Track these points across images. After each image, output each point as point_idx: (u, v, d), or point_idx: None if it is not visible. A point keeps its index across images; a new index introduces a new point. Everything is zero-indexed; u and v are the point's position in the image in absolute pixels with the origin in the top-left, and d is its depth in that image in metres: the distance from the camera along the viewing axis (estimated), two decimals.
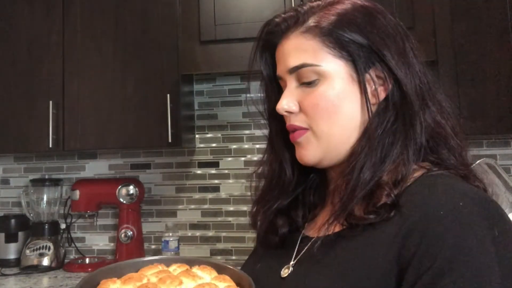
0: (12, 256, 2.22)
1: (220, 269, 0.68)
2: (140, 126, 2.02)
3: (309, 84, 0.69)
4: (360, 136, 0.68)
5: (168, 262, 0.69)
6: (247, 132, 2.29)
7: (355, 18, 0.69)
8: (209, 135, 2.33)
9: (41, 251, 2.16)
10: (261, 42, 0.81)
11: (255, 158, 2.25)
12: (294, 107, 0.71)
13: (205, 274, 0.65)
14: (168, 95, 1.97)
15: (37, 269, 2.12)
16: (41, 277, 2.05)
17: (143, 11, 2.06)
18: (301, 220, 0.77)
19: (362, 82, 0.67)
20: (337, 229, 0.67)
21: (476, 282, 0.53)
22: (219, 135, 2.32)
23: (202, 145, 2.33)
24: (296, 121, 0.71)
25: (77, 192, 2.20)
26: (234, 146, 2.29)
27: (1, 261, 2.20)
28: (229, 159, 2.29)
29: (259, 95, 0.86)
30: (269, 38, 0.78)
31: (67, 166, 2.44)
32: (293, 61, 0.70)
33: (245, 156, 2.28)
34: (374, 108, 0.68)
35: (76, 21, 2.09)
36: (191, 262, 0.70)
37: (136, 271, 0.67)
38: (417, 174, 0.66)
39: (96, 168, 2.42)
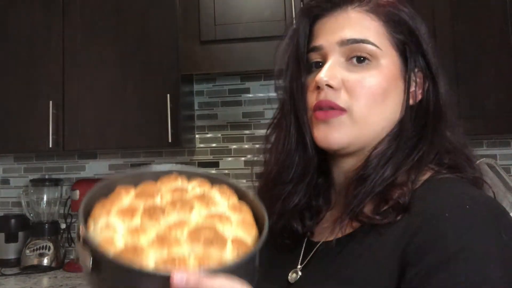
0: (12, 256, 2.22)
1: (242, 195, 0.63)
2: (140, 126, 2.02)
3: (360, 62, 0.66)
4: (389, 132, 0.67)
5: (190, 176, 0.65)
6: (247, 132, 2.29)
7: (416, 20, 0.69)
8: (209, 135, 2.33)
9: (41, 251, 2.16)
10: (313, 5, 0.72)
11: (255, 159, 2.24)
12: (336, 82, 0.65)
13: (223, 199, 0.62)
14: (168, 95, 1.97)
15: (37, 269, 2.12)
16: (41, 277, 2.05)
17: (143, 11, 2.06)
18: (310, 222, 0.74)
19: (407, 80, 0.67)
20: (345, 231, 0.66)
21: (471, 281, 0.52)
22: (219, 135, 2.32)
23: (202, 145, 2.33)
24: (335, 98, 0.66)
25: (77, 192, 2.20)
26: (234, 146, 2.29)
27: (1, 261, 2.20)
28: (229, 159, 2.29)
29: (259, 95, 0.83)
30: (324, 6, 0.71)
31: (67, 166, 2.44)
32: (353, 34, 0.66)
33: (245, 156, 2.28)
34: (409, 109, 0.68)
35: (76, 21, 2.09)
36: (213, 180, 0.65)
37: (156, 181, 0.64)
38: (425, 176, 0.65)
39: (96, 168, 2.42)
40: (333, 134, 0.66)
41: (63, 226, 2.32)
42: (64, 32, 2.09)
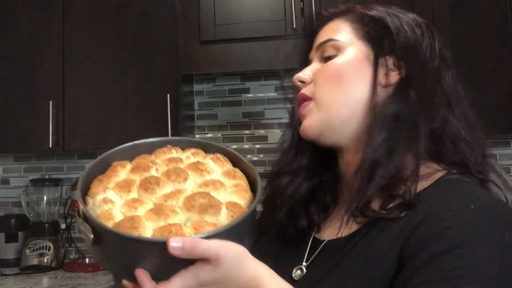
0: (12, 256, 2.22)
1: (236, 162, 0.67)
2: (140, 126, 2.02)
3: (328, 58, 0.72)
4: (368, 120, 0.68)
5: (184, 145, 0.68)
6: (247, 132, 2.29)
7: (396, 14, 0.72)
8: (209, 135, 2.33)
9: (41, 251, 2.16)
10: (309, 27, 0.83)
11: (255, 158, 2.25)
12: (306, 77, 0.73)
13: (217, 167, 0.64)
14: (168, 95, 1.97)
15: (37, 269, 2.12)
16: (41, 277, 2.05)
17: (143, 11, 2.06)
18: (316, 218, 0.75)
19: (375, 64, 0.69)
20: (350, 229, 0.66)
21: (466, 277, 0.52)
22: (219, 135, 2.32)
23: None
24: (305, 90, 0.73)
25: None
26: (234, 146, 2.29)
27: (1, 261, 2.20)
28: None
29: (259, 95, 0.85)
30: (313, 25, 0.81)
31: (67, 166, 2.44)
32: (322, 38, 0.74)
33: (245, 156, 2.27)
34: (383, 92, 0.68)
35: (76, 21, 2.09)
36: (207, 148, 0.69)
37: (151, 153, 0.67)
38: (437, 175, 0.65)
39: None
40: (304, 124, 0.72)
41: (63, 226, 2.32)
42: (64, 32, 2.09)
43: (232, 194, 0.60)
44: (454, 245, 0.54)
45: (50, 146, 2.02)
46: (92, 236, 0.53)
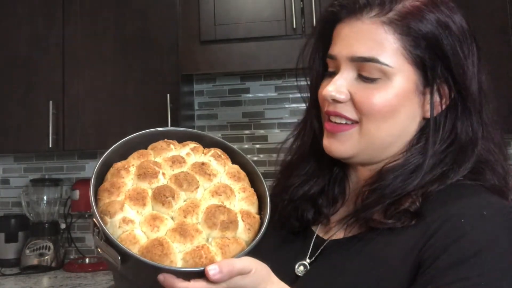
0: (12, 256, 2.22)
1: (231, 154, 0.69)
2: (140, 126, 2.00)
3: (370, 80, 0.64)
4: (402, 146, 0.66)
5: (180, 139, 0.69)
6: (247, 132, 2.29)
7: (448, 26, 0.63)
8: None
9: (41, 251, 2.16)
10: (328, 13, 0.70)
11: (255, 158, 2.25)
12: (344, 96, 0.65)
13: (219, 166, 0.65)
14: (168, 95, 1.97)
15: (37, 269, 2.12)
16: (41, 277, 2.05)
17: (143, 11, 2.06)
18: (326, 211, 0.73)
19: (425, 95, 0.65)
20: (354, 231, 0.66)
21: (480, 284, 0.52)
22: (219, 135, 2.31)
23: None
24: (345, 110, 0.65)
25: (77, 192, 2.20)
26: (234, 146, 2.28)
27: (1, 261, 2.20)
28: None
29: (259, 95, 0.84)
30: (337, 11, 0.68)
31: (67, 166, 2.44)
32: (362, 51, 0.63)
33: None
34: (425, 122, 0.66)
35: (76, 21, 2.09)
36: (202, 139, 0.70)
37: (146, 147, 0.68)
38: (450, 179, 0.64)
39: None
40: (337, 147, 0.67)
41: (63, 226, 2.32)
42: (64, 32, 2.09)
43: (242, 200, 0.62)
44: (468, 255, 0.54)
45: (50, 146, 2.02)
46: (120, 260, 0.53)
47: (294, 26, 1.88)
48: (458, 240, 0.55)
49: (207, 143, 0.70)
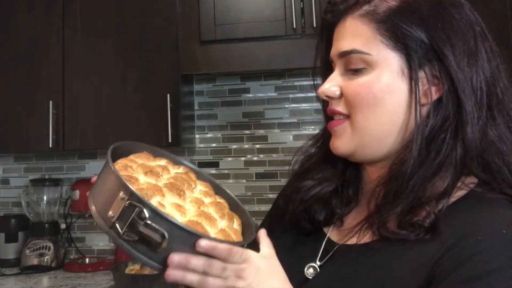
0: (12, 256, 2.22)
1: (218, 191, 0.74)
2: (140, 126, 2.02)
3: (356, 71, 0.66)
4: (403, 138, 0.64)
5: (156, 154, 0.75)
6: (247, 132, 2.29)
7: (419, 7, 0.63)
8: (209, 135, 2.33)
9: (41, 251, 2.16)
10: (321, 20, 0.75)
11: (255, 158, 2.25)
12: (336, 93, 0.68)
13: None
14: (168, 95, 1.97)
15: (37, 269, 2.12)
16: (41, 277, 2.05)
17: (143, 11, 2.06)
18: (339, 211, 0.73)
19: (413, 79, 0.62)
20: (366, 238, 0.65)
21: None
22: (219, 135, 2.32)
23: (202, 145, 2.33)
24: (337, 106, 0.68)
25: (77, 192, 2.20)
26: (234, 146, 2.29)
27: (1, 261, 2.20)
28: (229, 159, 2.29)
29: (259, 95, 0.84)
30: (328, 18, 0.72)
31: (67, 166, 2.44)
32: (345, 45, 0.67)
33: (245, 156, 2.28)
34: (424, 109, 0.63)
35: (76, 21, 2.09)
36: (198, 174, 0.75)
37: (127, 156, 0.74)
38: (460, 193, 0.62)
39: (96, 168, 2.41)
40: (337, 143, 0.69)
41: (63, 226, 2.32)
42: (64, 32, 2.09)
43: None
44: (482, 273, 0.53)
45: (50, 146, 2.02)
46: (167, 234, 0.55)
47: (294, 26, 1.88)
48: (473, 257, 0.54)
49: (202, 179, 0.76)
